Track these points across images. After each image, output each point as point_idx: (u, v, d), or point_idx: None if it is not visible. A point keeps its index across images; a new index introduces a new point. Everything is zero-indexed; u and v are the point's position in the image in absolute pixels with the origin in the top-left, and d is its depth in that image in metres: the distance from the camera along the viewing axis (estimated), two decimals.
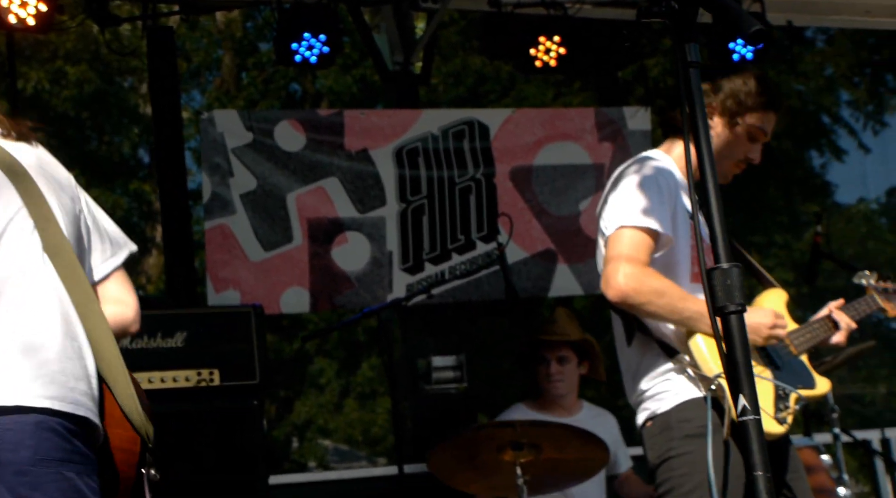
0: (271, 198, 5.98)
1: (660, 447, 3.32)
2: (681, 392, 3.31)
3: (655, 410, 3.36)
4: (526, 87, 10.37)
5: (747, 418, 1.92)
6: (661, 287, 3.24)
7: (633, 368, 3.47)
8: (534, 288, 6.36)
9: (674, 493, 3.26)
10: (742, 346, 1.93)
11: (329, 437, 15.55)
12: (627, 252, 3.25)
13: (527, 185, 6.40)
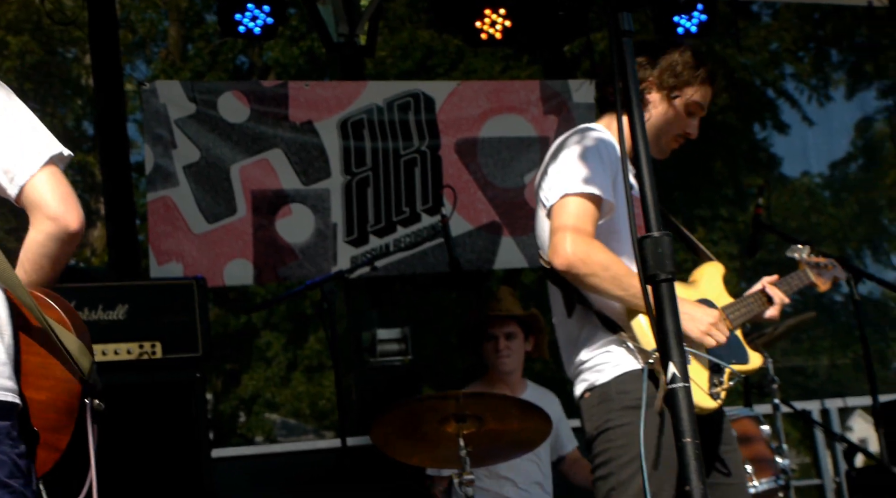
0: (215, 170, 5.94)
1: (598, 418, 3.32)
2: (620, 364, 3.31)
3: (594, 381, 3.37)
4: (474, 60, 10.37)
5: (676, 386, 1.93)
6: (608, 261, 3.23)
7: (572, 339, 3.47)
8: (478, 260, 6.37)
9: (611, 463, 3.26)
10: (672, 314, 1.94)
11: (276, 411, 15.54)
12: (574, 222, 3.23)
13: (472, 157, 6.40)
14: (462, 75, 8.78)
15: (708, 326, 3.28)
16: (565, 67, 7.22)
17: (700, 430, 2.62)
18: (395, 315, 6.25)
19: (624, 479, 3.22)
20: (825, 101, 8.96)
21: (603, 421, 3.31)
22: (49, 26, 10.55)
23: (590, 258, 3.19)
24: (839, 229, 9.01)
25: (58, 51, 12.12)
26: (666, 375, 1.94)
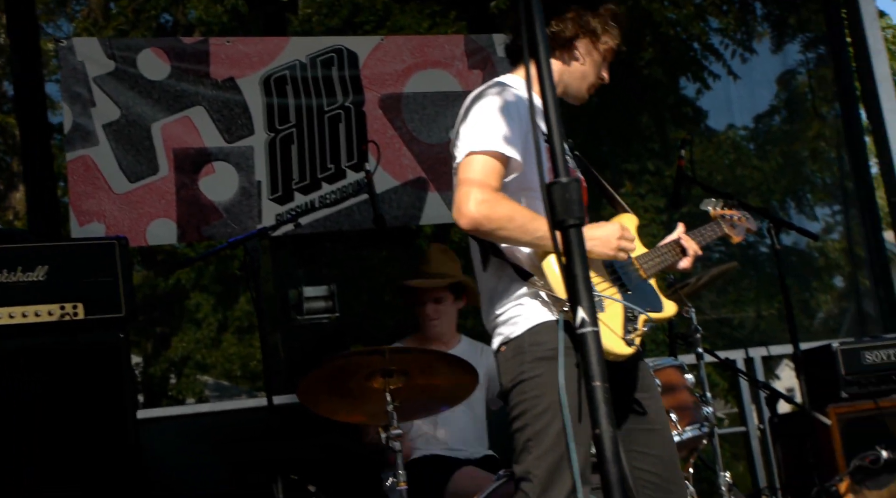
0: (135, 128, 5.86)
1: (512, 371, 3.35)
2: (532, 316, 3.33)
3: (509, 334, 3.39)
4: (401, 17, 10.32)
5: (586, 330, 1.93)
6: (512, 211, 3.23)
7: (488, 292, 3.49)
8: (405, 216, 6.36)
9: (526, 415, 3.28)
10: (581, 259, 1.95)
11: (207, 372, 15.50)
12: (478, 178, 3.23)
13: (396, 113, 6.38)
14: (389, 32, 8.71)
15: (616, 241, 3.34)
16: (491, 23, 7.19)
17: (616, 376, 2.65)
18: (322, 273, 6.24)
19: (539, 428, 3.24)
20: (749, 55, 8.98)
21: (517, 373, 3.33)
22: None
23: (494, 212, 3.20)
24: (763, 182, 9.08)
25: None
26: (575, 320, 1.94)
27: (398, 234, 6.62)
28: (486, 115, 3.35)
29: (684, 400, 4.72)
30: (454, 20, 9.25)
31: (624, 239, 3.36)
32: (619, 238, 3.36)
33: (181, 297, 14.12)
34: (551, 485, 3.21)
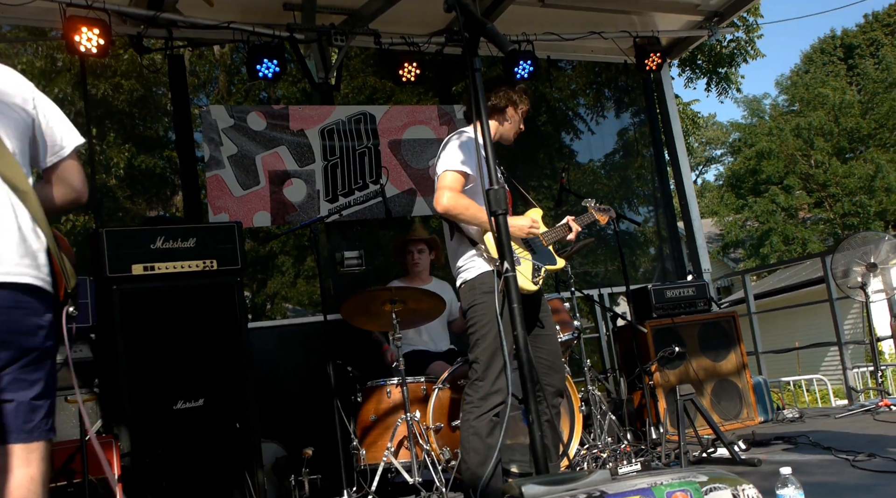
0: (246, 158, 5.80)
1: (468, 299, 3.39)
2: (479, 267, 3.38)
3: (466, 277, 3.43)
4: (401, 95, 10.24)
5: (508, 275, 1.93)
6: (467, 204, 3.31)
7: (453, 252, 3.53)
8: (402, 211, 6.33)
9: (477, 324, 3.33)
10: (506, 234, 1.95)
11: (289, 301, 15.42)
12: (449, 184, 3.32)
13: (398, 150, 6.35)
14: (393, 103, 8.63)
15: (527, 228, 3.45)
16: (452, 98, 7.15)
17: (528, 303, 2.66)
18: (355, 243, 6.19)
19: (485, 332, 3.28)
20: (601, 119, 8.99)
21: (471, 300, 3.38)
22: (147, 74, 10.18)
23: (457, 204, 3.29)
24: (610, 192, 9.08)
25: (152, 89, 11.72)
26: (502, 268, 1.96)
27: (398, 222, 6.59)
28: (455, 148, 3.40)
29: (564, 318, 4.74)
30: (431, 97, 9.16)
31: (532, 226, 3.43)
32: (529, 226, 3.43)
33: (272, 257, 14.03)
34: (491, 364, 3.25)
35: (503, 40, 1.89)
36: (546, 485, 1.45)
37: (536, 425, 1.87)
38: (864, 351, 12.58)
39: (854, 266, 5.66)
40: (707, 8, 7.09)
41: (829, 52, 31.74)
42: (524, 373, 1.80)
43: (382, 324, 4.45)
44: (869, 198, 23.68)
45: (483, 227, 3.35)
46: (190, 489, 3.84)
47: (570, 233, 3.77)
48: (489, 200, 1.92)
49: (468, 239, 3.43)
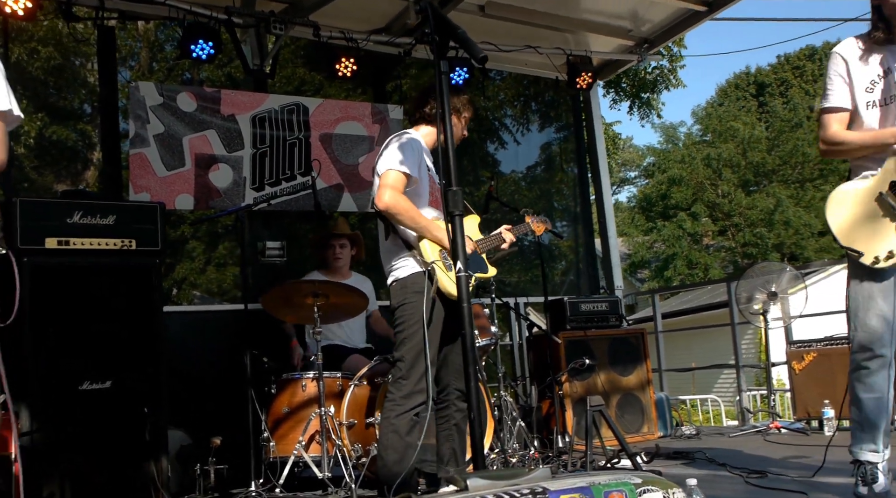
0: (173, 139, 5.62)
1: (399, 297, 3.39)
2: (412, 267, 3.38)
3: (397, 276, 3.42)
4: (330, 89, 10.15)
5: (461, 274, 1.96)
6: (407, 206, 3.31)
7: (387, 251, 3.52)
8: (329, 205, 6.26)
9: (405, 323, 3.34)
10: (461, 234, 1.97)
11: (197, 288, 15.04)
12: (391, 183, 3.30)
13: (329, 144, 6.29)
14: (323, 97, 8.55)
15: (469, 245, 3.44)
16: (385, 96, 7.15)
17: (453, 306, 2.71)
18: (278, 234, 6.11)
19: (412, 332, 3.29)
20: (526, 132, 9.13)
21: (401, 299, 3.38)
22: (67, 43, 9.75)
23: (398, 205, 3.28)
24: (530, 204, 9.21)
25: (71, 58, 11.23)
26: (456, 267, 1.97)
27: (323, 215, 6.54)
28: (397, 149, 3.40)
29: (483, 323, 4.80)
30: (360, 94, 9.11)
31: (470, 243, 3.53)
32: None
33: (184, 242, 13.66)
34: (416, 364, 3.26)
35: (474, 47, 1.92)
36: (490, 479, 1.49)
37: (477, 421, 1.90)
38: (755, 375, 13.17)
39: (757, 293, 5.94)
40: (638, 34, 7.32)
41: (743, 88, 33.19)
42: (468, 370, 1.83)
43: (303, 316, 4.42)
44: (768, 230, 24.84)
45: (419, 232, 3.34)
46: (91, 473, 3.71)
47: (504, 242, 3.82)
48: (447, 201, 1.94)
49: (403, 241, 3.42)
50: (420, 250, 3.35)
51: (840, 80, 3.05)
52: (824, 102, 3.11)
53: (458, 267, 1.93)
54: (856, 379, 3.06)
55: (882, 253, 2.93)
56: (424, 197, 3.46)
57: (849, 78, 3.03)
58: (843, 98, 3.05)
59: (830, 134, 3.07)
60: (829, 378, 5.39)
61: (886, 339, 2.97)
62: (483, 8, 6.45)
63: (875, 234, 2.95)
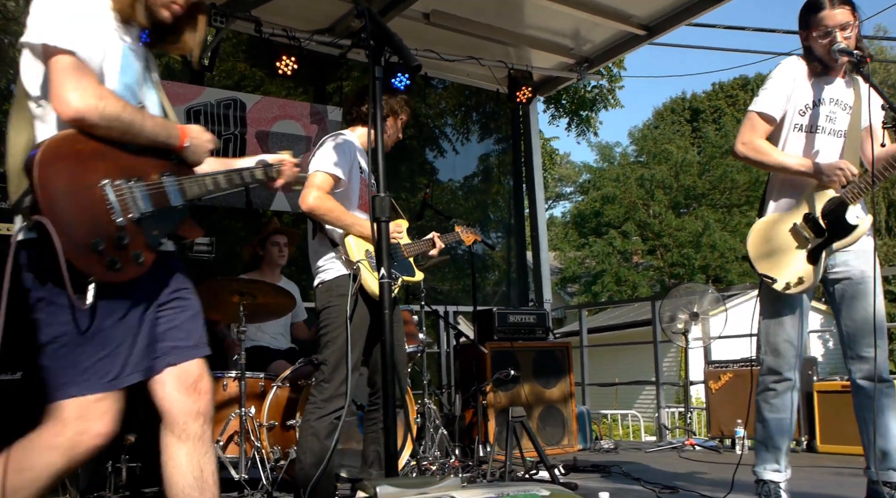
0: None
1: (323, 300, 3.39)
2: (338, 269, 3.39)
3: (324, 278, 3.43)
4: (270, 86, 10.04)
5: (384, 280, 1.96)
6: (332, 206, 3.34)
7: (314, 252, 3.53)
8: (262, 204, 6.20)
9: (329, 326, 3.35)
10: (387, 239, 1.98)
11: None
12: (318, 184, 3.32)
13: (265, 142, 6.22)
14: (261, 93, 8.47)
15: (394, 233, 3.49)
16: (325, 97, 7.12)
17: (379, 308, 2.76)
18: (207, 229, 5.98)
19: (336, 335, 3.30)
20: (466, 141, 9.20)
21: (326, 302, 3.39)
22: None
23: (323, 205, 3.32)
24: (465, 214, 9.29)
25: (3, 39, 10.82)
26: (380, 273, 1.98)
27: (254, 214, 6.45)
28: (330, 150, 3.41)
29: (411, 330, 4.81)
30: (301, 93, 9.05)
31: (395, 231, 3.53)
32: (392, 230, 3.50)
33: None
34: (339, 367, 3.26)
35: (409, 54, 1.93)
36: (399, 487, 1.50)
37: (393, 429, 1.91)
38: (675, 393, 13.50)
39: (679, 313, 6.10)
40: (580, 53, 7.46)
41: (679, 113, 34.12)
42: (387, 377, 1.84)
43: (228, 315, 4.36)
44: (695, 252, 25.54)
45: (346, 230, 3.37)
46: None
47: (433, 248, 3.87)
48: (374, 207, 1.95)
49: (329, 240, 3.44)
50: (346, 248, 3.36)
51: (781, 89, 3.14)
52: (757, 103, 3.17)
53: (381, 273, 1.94)
54: (762, 400, 3.19)
55: (793, 279, 3.07)
56: (354, 199, 3.48)
57: (790, 91, 3.14)
58: (777, 107, 3.14)
59: (755, 141, 3.15)
60: (742, 398, 5.57)
61: (792, 363, 3.11)
62: (428, 16, 6.48)
63: (788, 262, 3.09)
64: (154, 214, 1.94)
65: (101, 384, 1.90)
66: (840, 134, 3.13)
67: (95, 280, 1.81)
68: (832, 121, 3.12)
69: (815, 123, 3.12)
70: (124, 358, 1.94)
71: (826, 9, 3.02)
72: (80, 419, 1.89)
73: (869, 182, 3.00)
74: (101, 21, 1.96)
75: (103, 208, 1.85)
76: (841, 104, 3.13)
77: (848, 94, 3.14)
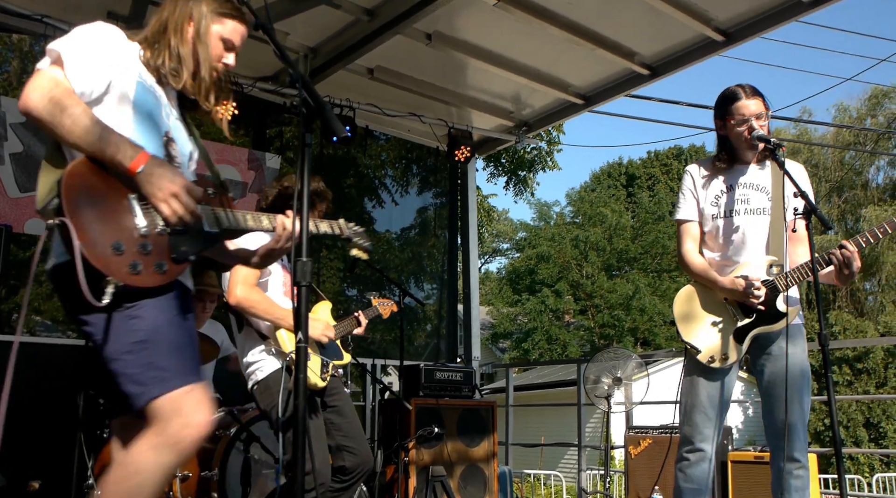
0: (31, 160, 5.36)
1: (266, 400, 3.38)
2: (270, 366, 3.39)
3: (257, 379, 3.42)
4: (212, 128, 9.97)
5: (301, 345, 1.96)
6: (260, 298, 3.34)
7: (241, 346, 3.52)
8: None
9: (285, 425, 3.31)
10: (305, 307, 1.99)
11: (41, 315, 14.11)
12: (242, 278, 3.30)
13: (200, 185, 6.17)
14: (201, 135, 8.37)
15: (320, 332, 3.45)
16: (265, 142, 7.12)
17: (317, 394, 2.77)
18: None
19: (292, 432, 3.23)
20: (405, 193, 9.28)
21: (269, 401, 3.37)
22: None
23: (248, 299, 3.30)
24: (400, 265, 9.32)
25: None
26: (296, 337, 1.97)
27: None
28: None
29: None
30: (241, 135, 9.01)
31: (325, 332, 3.53)
32: (323, 332, 3.51)
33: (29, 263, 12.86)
34: None
35: (338, 126, 1.98)
36: None
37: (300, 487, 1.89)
38: (598, 455, 13.60)
39: (604, 377, 6.21)
40: (519, 117, 7.66)
41: (615, 177, 35.10)
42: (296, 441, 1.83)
43: None
44: (626, 314, 26.03)
45: (275, 324, 3.35)
46: None
47: (358, 326, 3.90)
48: (295, 271, 1.96)
49: (257, 333, 3.42)
50: (277, 341, 3.36)
51: (690, 194, 3.40)
52: (676, 213, 3.44)
53: (298, 337, 1.94)
54: (678, 469, 3.26)
55: (717, 355, 3.18)
56: (278, 286, 3.49)
57: (697, 193, 3.35)
58: (692, 212, 3.39)
59: (683, 251, 3.40)
60: (660, 464, 5.66)
61: (708, 434, 3.19)
62: (372, 71, 6.59)
63: (714, 336, 3.19)
64: (181, 232, 2.04)
65: (182, 378, 1.96)
66: (761, 211, 3.27)
67: (114, 281, 1.86)
68: (746, 201, 3.28)
69: (730, 207, 3.29)
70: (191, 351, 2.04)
71: (743, 99, 3.22)
72: (176, 414, 1.93)
73: (801, 274, 3.12)
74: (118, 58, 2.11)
75: (128, 216, 1.96)
76: (754, 186, 3.30)
77: (761, 177, 3.32)
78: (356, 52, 6.10)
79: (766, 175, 3.31)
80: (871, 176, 26.57)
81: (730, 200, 3.29)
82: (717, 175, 3.36)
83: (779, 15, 5.63)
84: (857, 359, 20.63)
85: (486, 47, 6.30)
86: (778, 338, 3.18)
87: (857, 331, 21.38)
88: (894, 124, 24.71)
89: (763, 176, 3.31)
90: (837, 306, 23.64)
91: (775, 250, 3.21)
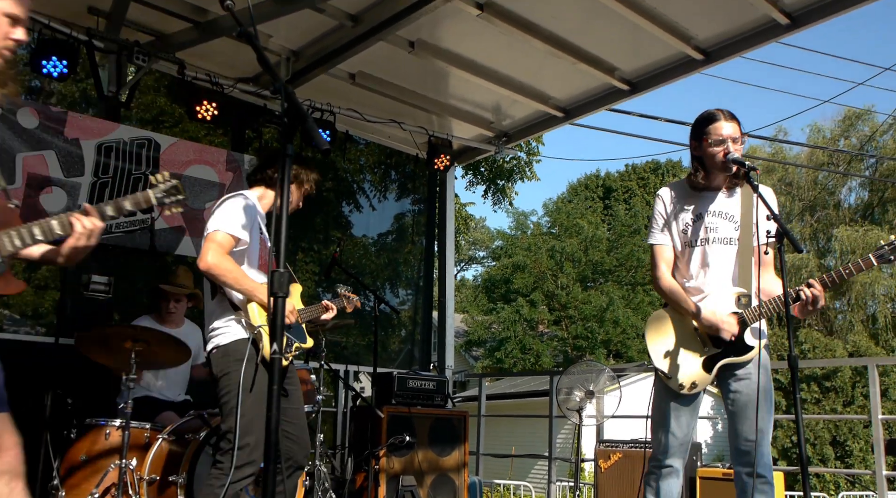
0: (5, 154, 5.29)
1: (221, 366, 3.34)
2: (234, 333, 3.36)
3: (219, 342, 3.38)
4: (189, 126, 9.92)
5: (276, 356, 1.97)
6: (231, 267, 3.31)
7: (210, 312, 3.49)
8: (167, 247, 6.06)
9: (230, 393, 3.29)
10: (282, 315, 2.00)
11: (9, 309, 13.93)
12: (218, 242, 3.29)
13: None
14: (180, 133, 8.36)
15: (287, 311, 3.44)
16: (244, 143, 7.10)
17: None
18: (106, 268, 5.83)
19: (237, 402, 3.23)
20: (383, 199, 9.29)
21: (223, 367, 3.35)
22: None
23: (221, 265, 3.28)
24: (375, 270, 9.32)
25: None
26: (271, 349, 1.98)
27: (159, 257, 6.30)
28: (235, 210, 3.40)
29: (309, 389, 4.78)
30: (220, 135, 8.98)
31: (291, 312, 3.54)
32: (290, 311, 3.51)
33: None
34: (245, 435, 3.19)
35: (319, 138, 1.99)
36: None
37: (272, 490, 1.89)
38: (568, 467, 13.66)
39: (576, 390, 6.23)
40: (499, 127, 7.70)
41: (592, 190, 35.35)
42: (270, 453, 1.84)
43: (119, 361, 4.22)
44: (599, 326, 26.18)
45: (243, 294, 3.34)
46: None
47: (325, 312, 3.92)
48: (272, 282, 1.97)
49: (229, 303, 3.40)
50: (247, 313, 3.33)
51: (662, 218, 3.44)
52: (649, 237, 3.48)
53: (273, 348, 1.95)
54: (646, 483, 3.30)
55: (686, 383, 3.22)
56: (254, 259, 3.48)
57: (668, 218, 3.40)
58: (664, 236, 3.43)
59: (657, 274, 3.42)
60: (630, 479, 5.70)
61: (675, 452, 3.24)
62: (354, 77, 6.60)
63: (684, 364, 3.24)
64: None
65: None
66: (729, 241, 3.32)
67: None
68: (714, 231, 3.32)
69: (699, 236, 3.33)
70: None
71: (720, 121, 3.27)
72: None
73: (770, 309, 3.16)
74: None
75: None
76: (722, 215, 3.34)
77: (729, 205, 3.35)
78: (339, 56, 6.11)
79: (736, 203, 3.35)
80: (844, 196, 26.98)
81: (698, 229, 3.34)
82: (687, 202, 3.40)
83: (758, 36, 5.71)
84: (825, 377, 20.91)
85: (468, 57, 6.34)
86: (747, 363, 3.23)
87: (825, 349, 21.66)
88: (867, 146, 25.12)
89: (732, 204, 3.35)
90: (807, 324, 23.93)
91: (743, 281, 3.26)
